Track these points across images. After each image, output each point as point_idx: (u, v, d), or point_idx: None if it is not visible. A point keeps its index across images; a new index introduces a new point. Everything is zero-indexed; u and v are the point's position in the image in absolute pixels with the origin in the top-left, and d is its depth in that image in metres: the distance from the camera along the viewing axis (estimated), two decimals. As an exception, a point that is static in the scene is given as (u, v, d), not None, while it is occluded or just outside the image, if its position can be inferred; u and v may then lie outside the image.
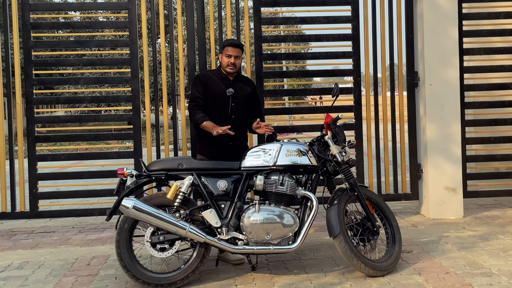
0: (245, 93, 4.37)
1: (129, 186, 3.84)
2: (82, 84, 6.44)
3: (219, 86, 4.30)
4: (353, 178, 4.05)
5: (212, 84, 4.32)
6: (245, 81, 4.48)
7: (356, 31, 5.92)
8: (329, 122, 4.07)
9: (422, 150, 5.82)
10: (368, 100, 6.03)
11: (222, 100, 4.27)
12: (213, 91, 4.28)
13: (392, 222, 4.13)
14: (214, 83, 4.32)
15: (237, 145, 4.31)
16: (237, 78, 4.39)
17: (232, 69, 4.28)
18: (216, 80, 4.33)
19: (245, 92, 4.38)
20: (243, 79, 4.49)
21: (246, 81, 4.51)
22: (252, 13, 5.91)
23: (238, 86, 4.35)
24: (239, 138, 4.32)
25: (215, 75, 4.38)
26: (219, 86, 4.30)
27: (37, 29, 6.06)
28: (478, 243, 4.68)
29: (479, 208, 6.06)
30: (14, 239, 5.35)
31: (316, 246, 4.71)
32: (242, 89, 4.36)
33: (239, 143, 4.33)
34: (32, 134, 5.72)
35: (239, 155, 4.08)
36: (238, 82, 4.38)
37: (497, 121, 6.18)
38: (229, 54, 4.26)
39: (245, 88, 4.40)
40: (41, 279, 4.04)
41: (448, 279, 3.76)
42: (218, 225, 3.76)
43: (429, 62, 5.67)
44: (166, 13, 5.81)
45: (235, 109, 4.28)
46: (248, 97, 4.39)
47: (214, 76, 4.37)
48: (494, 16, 6.09)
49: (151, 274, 3.74)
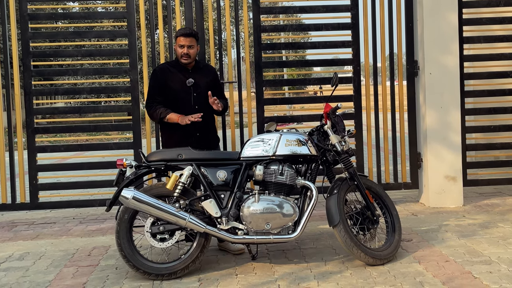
0: (206, 81, 4.36)
1: (128, 177, 3.84)
2: (81, 75, 6.42)
3: (178, 77, 4.29)
4: (352, 167, 4.05)
5: (171, 76, 4.30)
6: (205, 69, 4.48)
7: (356, 20, 5.89)
8: (329, 112, 4.06)
9: (422, 139, 5.82)
10: (367, 89, 6.02)
11: (183, 92, 4.26)
12: (173, 84, 4.28)
13: (392, 211, 4.14)
14: (172, 75, 4.31)
15: (204, 135, 4.32)
16: (196, 67, 4.37)
17: (186, 59, 4.26)
18: (175, 72, 4.32)
19: (206, 80, 4.37)
20: (203, 67, 4.48)
21: (207, 69, 4.52)
22: (251, 3, 5.88)
23: (198, 75, 4.33)
24: (206, 127, 4.33)
25: (174, 67, 4.36)
26: (178, 77, 4.29)
27: (35, 20, 6.02)
28: (477, 231, 4.69)
29: (479, 197, 6.07)
30: (14, 230, 5.36)
31: (316, 235, 4.73)
32: (202, 78, 4.34)
33: (206, 132, 4.35)
34: (32, 126, 5.71)
35: (208, 144, 4.17)
36: (198, 71, 4.37)
37: (497, 110, 6.16)
38: (182, 44, 4.24)
39: (205, 76, 4.40)
40: (42, 270, 4.06)
41: (447, 267, 3.77)
42: (218, 215, 3.77)
43: (428, 50, 5.64)
44: (165, 3, 5.77)
45: (198, 98, 4.27)
46: (210, 84, 4.36)
47: (173, 68, 4.36)
48: (494, 4, 6.05)
49: (151, 264, 3.76)
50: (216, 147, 4.52)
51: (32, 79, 5.72)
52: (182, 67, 4.33)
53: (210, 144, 4.36)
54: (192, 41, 4.26)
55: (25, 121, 5.84)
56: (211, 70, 4.58)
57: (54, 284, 3.75)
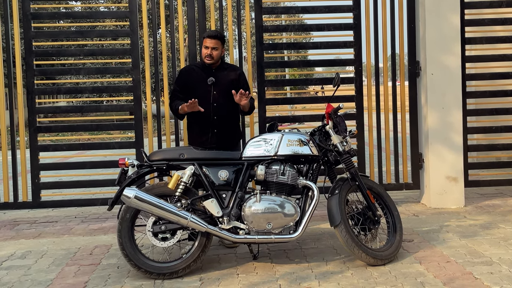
0: (228, 80, 4.39)
1: (130, 176, 3.85)
2: (83, 74, 6.44)
3: (201, 76, 4.38)
4: (354, 167, 4.06)
5: (194, 75, 4.43)
6: (229, 69, 4.53)
7: (358, 20, 5.89)
8: (330, 112, 4.06)
9: (424, 139, 5.82)
10: (369, 89, 6.02)
11: (203, 89, 4.33)
12: (195, 82, 4.40)
13: (393, 211, 4.14)
14: (195, 74, 4.43)
15: (222, 133, 4.36)
16: (220, 68, 4.45)
17: (210, 60, 4.35)
18: (198, 71, 4.44)
19: (228, 79, 4.40)
20: (227, 67, 4.56)
21: (231, 69, 4.56)
22: (253, 3, 5.88)
23: (221, 75, 4.39)
24: (223, 125, 4.37)
25: (198, 66, 4.50)
26: (200, 76, 4.38)
27: (38, 19, 6.04)
28: (479, 232, 4.69)
29: (480, 198, 6.07)
30: (17, 229, 5.38)
31: (317, 235, 4.73)
32: (224, 78, 4.39)
33: (224, 130, 4.38)
34: (34, 125, 5.73)
35: (226, 143, 4.21)
36: (221, 71, 4.44)
37: (498, 111, 6.16)
38: (207, 45, 4.35)
39: (228, 75, 4.44)
40: (43, 269, 4.07)
41: (449, 268, 3.77)
42: (219, 214, 3.78)
43: (430, 51, 5.65)
44: (167, 3, 5.79)
45: (217, 96, 4.32)
46: (232, 83, 4.39)
47: (197, 67, 4.49)
48: (496, 5, 6.05)
49: (153, 263, 3.77)
50: (235, 146, 4.54)
51: (34, 78, 5.74)
52: (206, 66, 4.42)
53: (228, 141, 4.38)
54: (217, 43, 4.34)
55: (27, 120, 5.85)
56: (236, 70, 4.59)
57: (56, 282, 3.76)
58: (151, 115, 5.91)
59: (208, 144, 4.27)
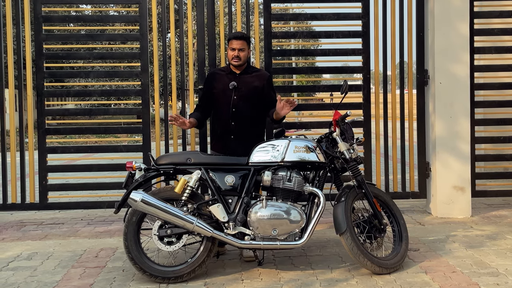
0: (251, 86, 4.34)
1: (137, 180, 3.87)
2: (92, 78, 6.48)
3: (224, 80, 4.36)
4: (360, 175, 4.05)
5: (218, 79, 4.41)
6: (255, 74, 4.43)
7: (367, 28, 5.90)
8: (338, 119, 4.06)
9: (431, 148, 5.80)
10: (377, 97, 6.01)
11: (224, 94, 4.32)
12: (217, 86, 4.38)
13: (399, 220, 4.13)
14: (219, 77, 4.41)
15: (241, 139, 4.30)
16: (244, 72, 4.37)
17: (237, 62, 4.29)
18: (222, 75, 4.41)
19: (251, 85, 4.34)
20: (253, 73, 4.44)
21: (257, 74, 4.45)
22: (262, 9, 5.91)
23: (244, 80, 4.34)
24: (243, 131, 4.32)
25: (223, 71, 4.48)
26: (223, 80, 4.36)
27: (49, 22, 6.09)
28: (485, 242, 4.67)
29: (487, 208, 6.04)
30: (23, 230, 5.41)
31: (322, 242, 4.72)
32: (248, 83, 4.34)
33: (243, 136, 4.31)
34: (43, 127, 5.77)
35: (246, 150, 4.06)
36: (245, 76, 4.36)
37: (506, 121, 6.13)
38: (233, 47, 4.29)
39: (253, 81, 4.37)
40: (49, 270, 4.09)
41: (454, 278, 3.75)
42: (225, 219, 3.78)
43: (439, 60, 5.64)
44: (177, 8, 5.81)
45: (237, 102, 4.29)
46: (256, 89, 4.35)
47: (222, 72, 4.47)
48: (506, 15, 6.04)
49: (158, 267, 3.78)
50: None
51: (44, 81, 5.78)
52: (230, 71, 4.39)
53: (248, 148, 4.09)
54: (243, 44, 4.30)
55: (36, 121, 5.89)
56: (262, 76, 4.46)
57: (61, 284, 3.78)
58: (158, 119, 5.94)
59: (226, 150, 4.26)
